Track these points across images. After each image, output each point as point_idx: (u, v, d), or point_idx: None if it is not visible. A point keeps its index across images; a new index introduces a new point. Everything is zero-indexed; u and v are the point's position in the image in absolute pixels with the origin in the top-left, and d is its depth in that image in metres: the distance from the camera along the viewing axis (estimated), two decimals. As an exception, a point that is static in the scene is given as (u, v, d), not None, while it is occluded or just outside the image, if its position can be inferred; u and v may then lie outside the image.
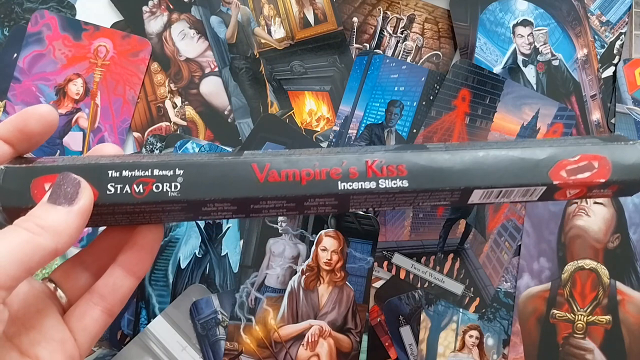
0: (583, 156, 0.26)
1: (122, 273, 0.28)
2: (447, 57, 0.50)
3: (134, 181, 0.25)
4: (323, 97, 0.49)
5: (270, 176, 0.25)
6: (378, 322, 0.47)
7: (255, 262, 0.46)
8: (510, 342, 0.46)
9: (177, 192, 0.25)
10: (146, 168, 0.25)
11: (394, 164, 0.25)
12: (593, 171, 0.26)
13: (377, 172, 0.25)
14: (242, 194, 0.25)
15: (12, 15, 0.48)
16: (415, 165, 0.25)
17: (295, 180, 0.25)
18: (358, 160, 0.26)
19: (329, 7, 0.49)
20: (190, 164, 0.25)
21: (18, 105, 0.47)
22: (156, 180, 0.25)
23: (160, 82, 0.49)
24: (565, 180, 0.26)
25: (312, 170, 0.25)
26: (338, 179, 0.25)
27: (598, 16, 0.51)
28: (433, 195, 0.26)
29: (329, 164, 0.25)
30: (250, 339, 0.45)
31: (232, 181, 0.25)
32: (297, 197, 0.25)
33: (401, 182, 0.25)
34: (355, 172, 0.25)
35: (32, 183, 0.24)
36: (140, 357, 0.44)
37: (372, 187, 0.25)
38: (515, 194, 0.26)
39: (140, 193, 0.25)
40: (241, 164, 0.25)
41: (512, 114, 0.49)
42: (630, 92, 0.50)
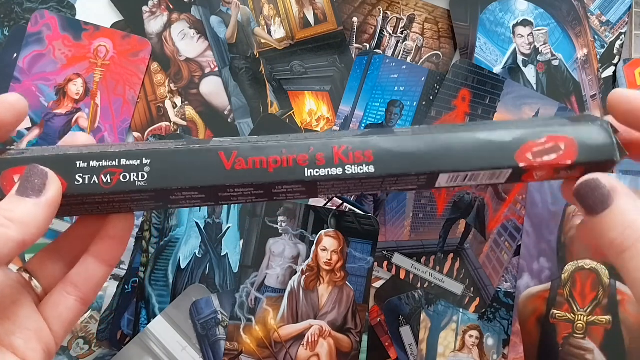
0: (549, 137, 0.26)
1: (95, 262, 0.28)
2: (447, 57, 0.50)
3: (102, 171, 0.25)
4: (323, 97, 0.49)
5: (237, 164, 0.25)
6: (378, 322, 0.47)
7: (255, 262, 0.46)
8: (510, 342, 0.46)
9: (144, 182, 0.25)
10: (113, 158, 0.25)
11: (361, 150, 0.25)
12: (559, 153, 0.25)
13: (343, 158, 0.25)
14: (209, 182, 0.25)
15: (12, 15, 0.48)
16: (381, 150, 0.25)
17: (262, 168, 0.25)
18: (325, 146, 0.26)
19: (329, 7, 0.49)
20: (157, 152, 0.25)
21: (18, 105, 0.47)
22: (123, 170, 0.25)
23: (160, 82, 0.49)
24: (531, 163, 0.25)
25: (279, 157, 0.25)
26: (305, 165, 0.25)
27: (598, 16, 0.51)
28: (400, 180, 0.26)
29: (295, 151, 0.25)
30: (250, 339, 0.45)
31: (198, 169, 0.25)
32: (265, 185, 0.26)
33: (367, 168, 0.25)
34: (322, 158, 0.25)
35: (0, 175, 0.25)
36: (140, 357, 0.44)
37: (339, 173, 0.25)
38: (482, 177, 0.26)
39: (107, 183, 0.25)
40: (208, 151, 0.25)
41: (512, 114, 0.49)
42: (630, 92, 0.50)
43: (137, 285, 0.46)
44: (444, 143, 0.26)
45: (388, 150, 0.25)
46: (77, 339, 0.46)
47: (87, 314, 0.46)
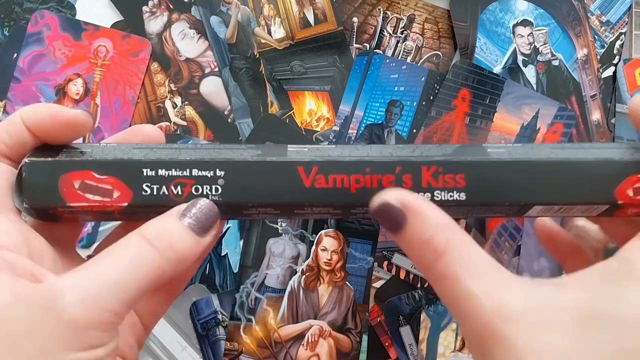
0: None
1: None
2: (447, 57, 0.50)
3: (172, 182, 0.23)
4: (323, 97, 0.49)
5: (317, 182, 0.23)
6: (378, 322, 0.47)
7: (255, 262, 0.46)
8: (510, 342, 0.46)
9: (218, 196, 0.23)
10: (184, 167, 0.23)
11: (452, 173, 0.23)
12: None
13: (433, 181, 0.23)
14: (287, 200, 0.23)
15: (12, 15, 0.48)
16: (475, 176, 0.23)
17: (344, 188, 0.23)
18: (413, 166, 0.23)
19: (329, 7, 0.49)
20: (232, 164, 0.23)
21: (18, 105, 0.47)
22: (196, 182, 0.23)
23: (160, 82, 0.49)
24: (630, 200, 0.23)
25: (362, 177, 0.23)
26: (389, 187, 0.23)
27: (598, 16, 0.51)
28: (490, 209, 0.24)
29: (381, 170, 0.23)
30: (250, 339, 0.45)
31: (276, 186, 0.23)
32: (345, 206, 0.24)
33: (458, 195, 0.23)
34: (410, 181, 0.23)
35: (59, 180, 0.23)
36: (140, 357, 0.44)
37: (427, 198, 0.23)
38: (576, 210, 0.24)
39: (178, 195, 0.23)
40: (286, 165, 0.23)
41: (512, 114, 0.49)
42: (630, 92, 0.50)
43: (137, 285, 0.46)
44: (541, 174, 0.23)
45: (481, 177, 0.23)
46: (77, 339, 0.46)
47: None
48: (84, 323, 0.18)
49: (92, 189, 0.23)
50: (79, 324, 0.18)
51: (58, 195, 0.23)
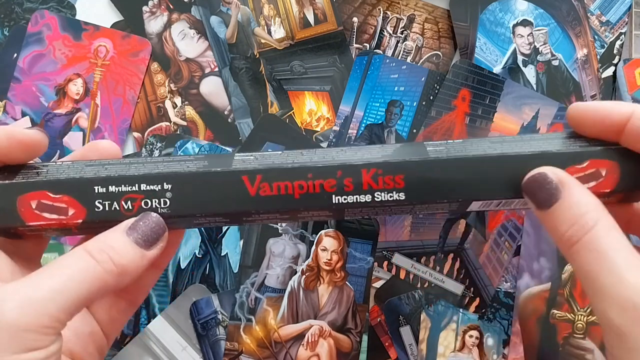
0: (592, 162, 0.24)
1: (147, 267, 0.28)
2: (447, 57, 0.50)
3: (122, 197, 0.24)
4: (323, 97, 0.49)
5: (262, 190, 0.24)
6: (378, 322, 0.47)
7: (255, 262, 0.46)
8: (510, 342, 0.46)
9: (166, 209, 0.24)
10: (133, 182, 0.24)
11: (391, 175, 0.24)
12: (599, 180, 0.24)
13: (373, 184, 0.24)
14: (234, 209, 0.24)
15: (12, 15, 0.48)
16: (412, 176, 0.24)
17: (287, 194, 0.24)
18: (354, 170, 0.24)
19: (329, 7, 0.49)
20: (178, 176, 0.24)
21: (18, 105, 0.47)
22: (145, 196, 0.24)
23: (160, 82, 0.49)
24: None
25: (305, 182, 0.24)
26: (332, 192, 0.24)
27: (598, 16, 0.51)
28: (431, 206, 0.25)
29: (323, 175, 0.24)
30: (250, 339, 0.45)
31: (222, 196, 0.24)
32: (291, 210, 0.25)
33: (398, 195, 0.24)
34: (350, 184, 0.24)
35: (17, 201, 0.24)
36: (140, 357, 0.44)
37: (368, 200, 0.24)
38: (516, 203, 0.25)
39: (129, 210, 0.24)
40: (231, 175, 0.24)
41: (512, 114, 0.49)
42: (630, 92, 0.50)
43: (137, 285, 0.46)
44: (479, 169, 0.24)
45: (420, 176, 0.24)
46: (77, 339, 0.46)
47: (87, 314, 0.46)
48: (23, 326, 0.19)
49: (48, 208, 0.24)
50: (18, 328, 0.19)
51: (17, 215, 0.24)
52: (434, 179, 0.24)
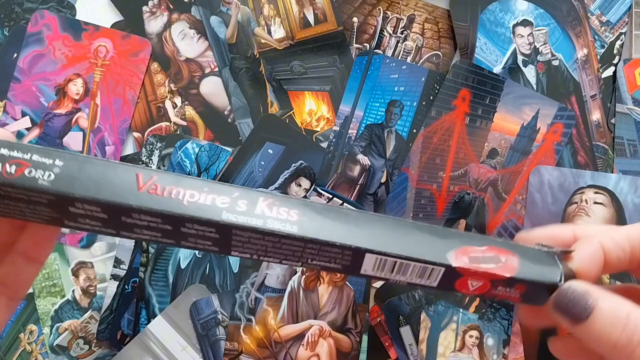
0: (490, 248, 0.24)
1: (24, 261, 0.27)
2: (447, 57, 0.50)
3: (9, 160, 0.23)
4: (323, 97, 0.49)
5: (152, 188, 0.23)
6: (378, 322, 0.47)
7: (255, 262, 0.46)
8: (510, 342, 0.46)
9: (47, 182, 0.22)
10: (27, 151, 0.23)
11: (287, 208, 0.23)
12: (499, 264, 0.24)
13: (267, 210, 0.23)
14: (115, 199, 0.23)
15: (12, 15, 0.48)
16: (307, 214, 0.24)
17: (177, 198, 0.23)
18: (250, 195, 0.24)
19: (329, 7, 0.49)
20: (74, 157, 0.23)
21: (18, 105, 0.47)
22: (31, 165, 0.23)
23: (160, 82, 0.49)
24: (466, 266, 0.23)
25: (198, 193, 0.23)
26: (224, 207, 0.23)
27: (598, 16, 0.51)
28: (322, 252, 0.24)
29: (218, 192, 0.23)
30: (250, 339, 0.45)
31: (108, 183, 0.23)
32: (175, 218, 0.23)
33: (290, 227, 0.23)
34: (244, 205, 0.23)
35: None
36: (140, 357, 0.44)
37: (258, 224, 0.23)
38: (412, 270, 0.24)
39: (10, 174, 0.22)
40: (125, 168, 0.23)
41: (512, 114, 0.49)
42: (630, 92, 0.50)
43: (137, 285, 0.46)
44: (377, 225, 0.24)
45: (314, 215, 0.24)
46: (77, 339, 0.46)
47: (87, 314, 0.46)
48: None
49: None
50: None
51: None
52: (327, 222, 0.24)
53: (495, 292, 0.24)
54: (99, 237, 0.47)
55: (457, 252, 0.24)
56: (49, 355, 0.46)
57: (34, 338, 0.46)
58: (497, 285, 0.24)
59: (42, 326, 0.46)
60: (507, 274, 0.23)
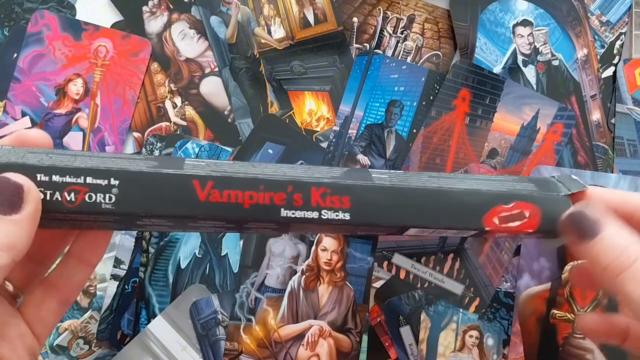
0: (517, 204, 0.26)
1: (77, 263, 0.27)
2: (447, 57, 0.50)
3: (65, 188, 0.23)
4: (323, 97, 0.49)
5: (212, 196, 0.24)
6: (378, 322, 0.47)
7: (255, 262, 0.46)
8: (510, 342, 0.46)
9: (111, 205, 0.23)
10: (78, 175, 0.23)
11: (338, 195, 0.25)
12: (523, 220, 0.26)
13: (321, 201, 0.25)
14: (181, 213, 0.24)
15: (12, 15, 0.48)
16: (358, 199, 0.25)
17: (237, 203, 0.24)
18: (304, 186, 0.25)
19: (329, 7, 0.49)
20: (126, 173, 0.23)
21: (18, 105, 0.47)
22: (89, 190, 0.23)
23: (160, 82, 0.49)
24: (496, 227, 0.26)
25: (255, 193, 0.24)
26: (281, 205, 0.24)
27: (598, 16, 0.51)
28: (372, 229, 0.26)
29: (274, 188, 0.24)
30: (250, 339, 0.45)
31: (171, 198, 0.23)
32: (237, 220, 0.24)
33: (343, 215, 0.25)
34: (300, 199, 0.25)
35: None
36: (140, 357, 0.44)
37: (315, 217, 0.25)
38: (449, 232, 0.27)
39: (71, 202, 0.23)
40: (182, 178, 0.24)
41: (512, 114, 0.49)
42: (630, 92, 0.50)
43: (137, 285, 0.46)
44: (418, 201, 0.26)
45: (364, 200, 0.25)
46: (77, 339, 0.46)
47: (87, 314, 0.46)
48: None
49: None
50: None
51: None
52: (377, 204, 0.25)
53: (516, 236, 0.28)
54: (99, 237, 0.47)
55: (488, 216, 0.26)
56: (49, 355, 0.46)
57: (34, 338, 0.46)
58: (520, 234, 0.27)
59: (42, 326, 0.46)
60: (530, 229, 0.26)
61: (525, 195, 0.26)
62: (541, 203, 0.26)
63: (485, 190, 0.26)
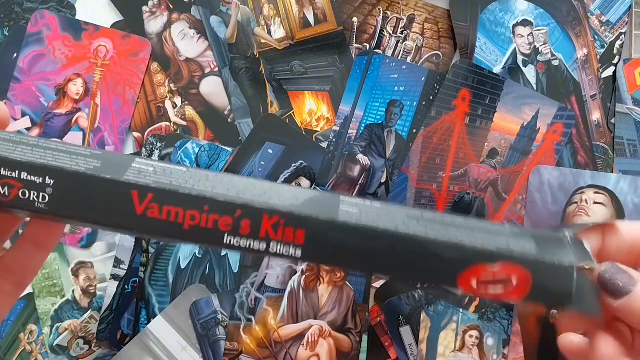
0: (503, 265, 0.22)
1: (32, 247, 0.26)
2: (447, 57, 0.50)
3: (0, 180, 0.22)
4: (323, 97, 0.49)
5: (150, 210, 0.22)
6: (378, 322, 0.47)
7: (255, 262, 0.46)
8: (510, 342, 0.46)
9: (44, 205, 0.22)
10: (14, 168, 0.22)
11: (293, 227, 0.22)
12: (508, 287, 0.22)
13: (271, 232, 0.22)
14: (115, 224, 0.22)
15: (12, 15, 0.48)
16: (315, 234, 0.22)
17: (177, 222, 0.22)
18: (255, 213, 0.22)
19: (329, 7, 0.49)
20: (63, 173, 0.22)
21: (18, 105, 0.47)
22: (23, 186, 0.22)
23: (160, 82, 0.49)
24: (472, 291, 0.22)
25: (198, 214, 0.22)
26: (226, 230, 0.22)
27: (598, 16, 0.51)
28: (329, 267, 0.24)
29: (219, 211, 0.22)
30: (250, 339, 0.45)
31: (106, 205, 0.22)
32: (177, 239, 0.22)
33: (294, 251, 0.22)
34: (247, 227, 0.22)
35: None
36: (140, 357, 0.44)
37: (262, 248, 0.22)
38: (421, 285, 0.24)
39: (5, 196, 0.22)
40: (119, 186, 0.22)
41: (512, 114, 0.49)
42: (630, 92, 0.50)
43: (137, 285, 0.46)
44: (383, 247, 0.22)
45: (321, 238, 0.22)
46: (77, 339, 0.46)
47: (87, 314, 0.46)
48: None
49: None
50: None
51: None
52: (337, 244, 0.22)
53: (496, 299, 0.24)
54: (99, 237, 0.47)
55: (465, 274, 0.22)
56: (49, 355, 0.46)
57: (34, 338, 0.46)
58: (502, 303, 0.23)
59: (42, 326, 0.46)
60: (515, 298, 0.22)
61: (516, 256, 0.22)
62: (534, 267, 0.22)
63: (468, 244, 0.22)
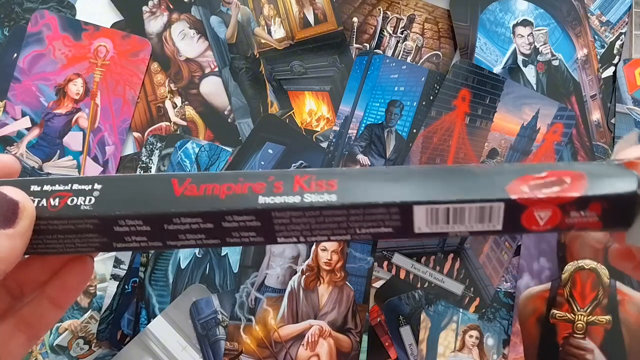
0: (551, 172, 0.22)
1: (50, 306, 0.28)
2: (447, 57, 0.50)
3: (52, 194, 0.24)
4: (323, 97, 0.49)
5: (188, 190, 0.23)
6: (378, 322, 0.47)
7: (255, 262, 0.46)
8: (510, 342, 0.46)
9: (89, 206, 0.23)
10: (67, 183, 0.24)
11: (324, 179, 0.23)
12: (563, 186, 0.21)
13: (304, 186, 0.23)
14: (156, 210, 0.23)
15: (12, 15, 0.48)
16: (346, 178, 0.23)
17: (214, 194, 0.23)
18: (286, 175, 0.23)
19: (329, 7, 0.49)
20: (111, 179, 0.24)
21: (18, 105, 0.47)
22: (73, 194, 0.23)
23: (160, 82, 0.49)
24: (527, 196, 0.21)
25: (233, 184, 0.23)
26: (260, 193, 0.23)
27: (598, 16, 0.51)
28: (367, 216, 0.22)
29: (253, 179, 0.23)
30: (250, 339, 0.45)
31: (147, 195, 0.23)
32: (214, 214, 0.23)
33: (329, 197, 0.22)
34: (280, 186, 0.23)
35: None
36: (140, 357, 0.44)
37: (296, 201, 0.22)
38: (469, 214, 0.22)
39: (54, 207, 0.23)
40: (161, 178, 0.24)
41: (512, 114, 0.49)
42: (630, 92, 0.50)
43: (137, 285, 0.46)
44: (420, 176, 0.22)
45: (354, 179, 0.23)
46: (77, 339, 0.46)
47: (87, 314, 0.46)
48: None
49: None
50: None
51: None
52: (368, 182, 0.22)
53: (569, 220, 0.22)
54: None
55: (515, 183, 0.21)
56: (49, 355, 0.46)
57: (34, 338, 0.46)
58: (569, 211, 0.22)
59: (42, 326, 0.46)
60: (575, 193, 0.21)
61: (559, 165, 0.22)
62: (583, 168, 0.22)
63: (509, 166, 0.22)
